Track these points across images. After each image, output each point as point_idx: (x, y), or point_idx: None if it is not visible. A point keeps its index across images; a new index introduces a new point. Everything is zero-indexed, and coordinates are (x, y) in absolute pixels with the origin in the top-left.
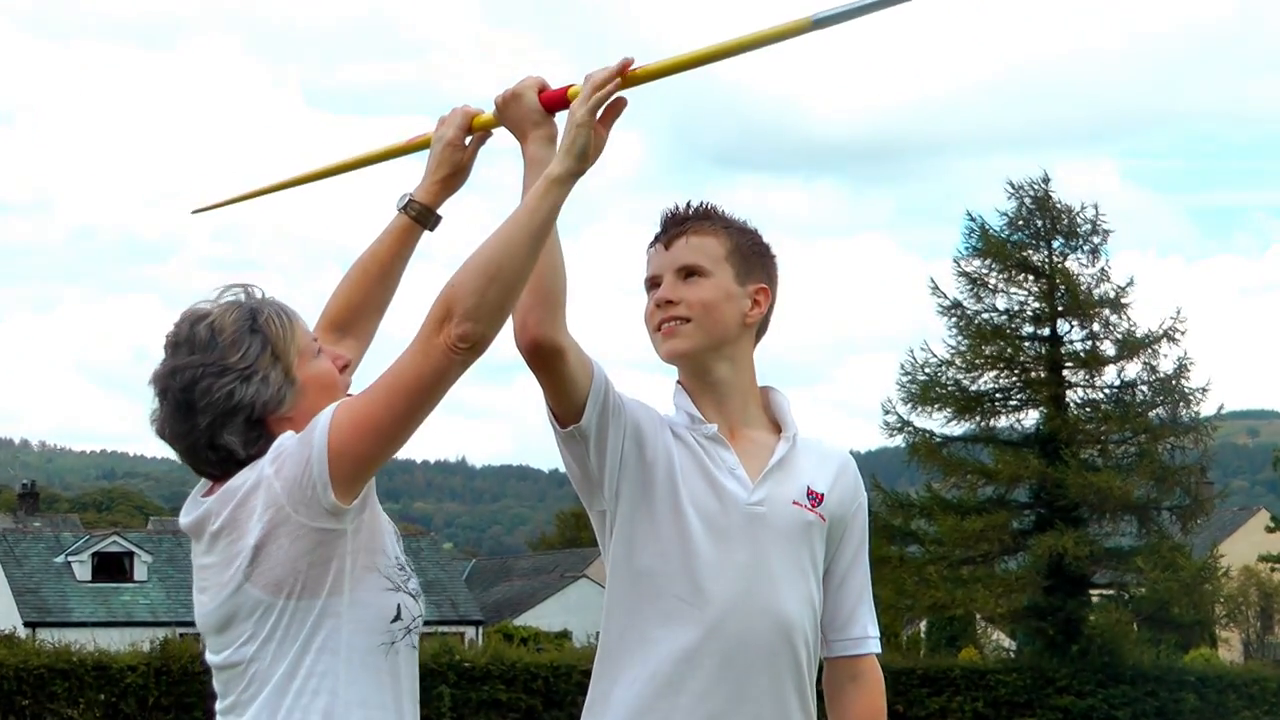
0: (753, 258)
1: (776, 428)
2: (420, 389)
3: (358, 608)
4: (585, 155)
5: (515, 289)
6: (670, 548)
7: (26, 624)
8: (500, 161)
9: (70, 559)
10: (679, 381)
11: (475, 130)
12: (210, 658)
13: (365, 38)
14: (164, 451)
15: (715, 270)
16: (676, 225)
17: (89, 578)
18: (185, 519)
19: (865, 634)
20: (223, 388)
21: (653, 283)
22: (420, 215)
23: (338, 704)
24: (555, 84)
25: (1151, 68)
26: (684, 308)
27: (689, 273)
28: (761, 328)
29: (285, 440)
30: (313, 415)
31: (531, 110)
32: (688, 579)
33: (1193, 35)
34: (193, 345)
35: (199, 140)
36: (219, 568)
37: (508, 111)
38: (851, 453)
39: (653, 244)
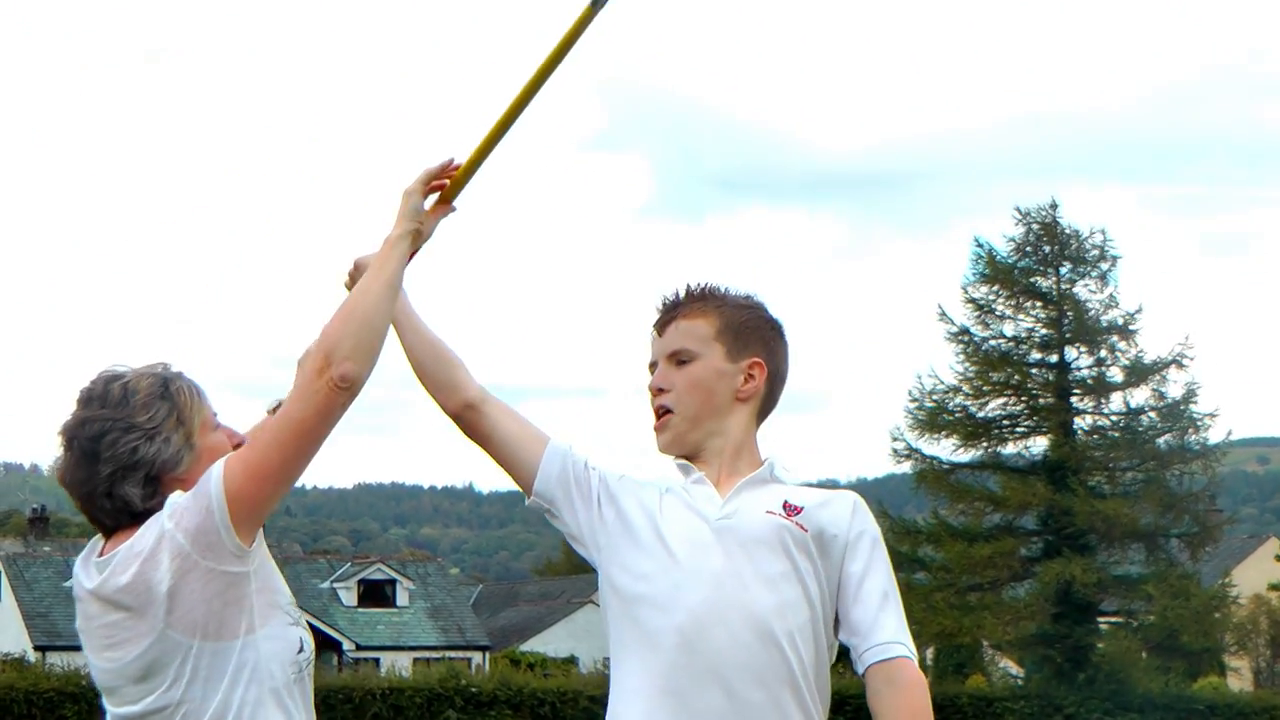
0: (746, 333)
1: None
2: (307, 431)
3: (271, 642)
4: (415, 217)
5: (380, 332)
6: (649, 569)
7: (37, 648)
8: None
9: None
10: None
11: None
12: (124, 710)
13: None
14: None
15: (704, 351)
16: (669, 311)
17: None
18: (86, 583)
19: (894, 639)
20: (128, 443)
21: (651, 369)
22: None
23: None
24: None
25: (1160, 95)
26: (672, 396)
27: (679, 358)
28: (766, 402)
29: (177, 498)
30: None
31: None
32: (665, 592)
33: (1202, 61)
34: (105, 401)
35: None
36: (132, 620)
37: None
38: (858, 479)
39: (653, 328)
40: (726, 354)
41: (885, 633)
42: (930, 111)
